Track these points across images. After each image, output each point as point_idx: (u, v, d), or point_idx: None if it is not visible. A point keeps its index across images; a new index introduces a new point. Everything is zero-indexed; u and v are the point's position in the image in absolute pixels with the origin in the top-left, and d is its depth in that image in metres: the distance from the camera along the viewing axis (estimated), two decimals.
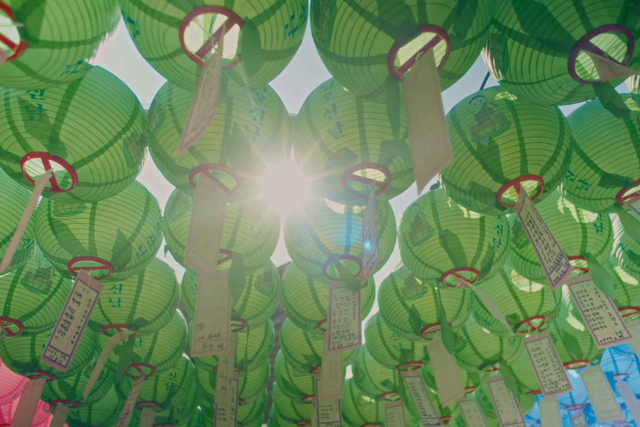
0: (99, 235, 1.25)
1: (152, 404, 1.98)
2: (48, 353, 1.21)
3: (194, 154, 1.05)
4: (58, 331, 1.23)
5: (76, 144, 1.02)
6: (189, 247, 0.94)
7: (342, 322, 1.28)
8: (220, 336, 1.21)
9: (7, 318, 1.47)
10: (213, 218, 1.04)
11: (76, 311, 1.27)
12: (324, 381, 1.30)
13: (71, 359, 1.23)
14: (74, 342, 1.24)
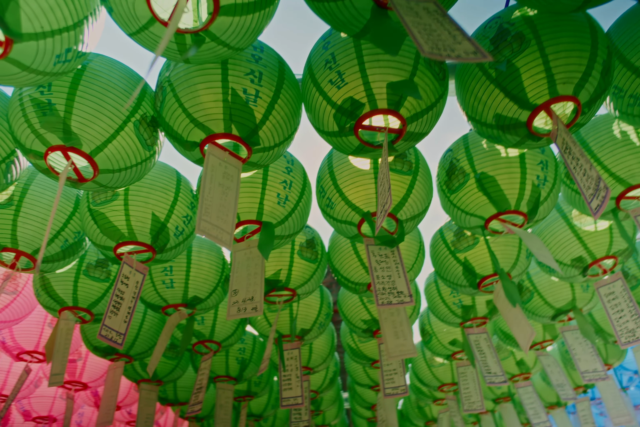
0: (135, 219, 1.29)
1: (226, 378, 2.08)
2: (103, 332, 1.29)
3: (199, 126, 1.05)
4: (110, 312, 1.31)
5: (88, 133, 1.05)
6: (200, 217, 0.94)
7: (387, 280, 1.24)
8: (254, 299, 1.22)
9: (77, 307, 1.60)
10: (226, 188, 1.03)
11: (125, 292, 1.34)
12: (388, 339, 1.27)
13: (125, 337, 1.30)
14: (126, 322, 1.31)
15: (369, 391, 2.46)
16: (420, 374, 2.28)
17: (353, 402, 2.71)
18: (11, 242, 1.33)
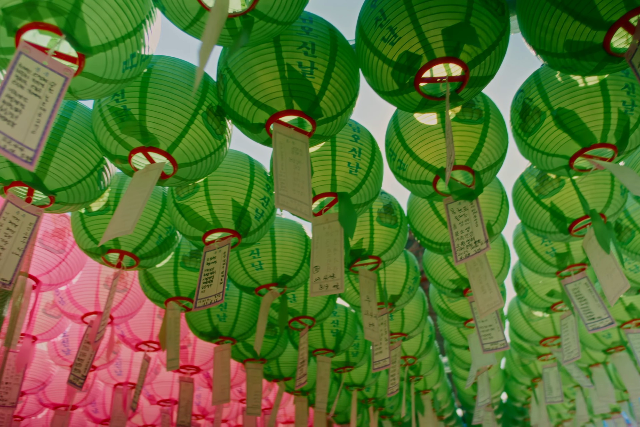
0: (217, 208, 1.36)
1: (324, 351, 2.16)
2: (199, 303, 1.38)
3: (262, 107, 1.07)
4: (203, 287, 1.39)
5: (163, 131, 1.11)
6: (277, 192, 0.98)
7: (466, 233, 1.22)
8: (335, 276, 1.24)
9: (181, 297, 1.73)
10: (297, 162, 1.06)
11: (214, 267, 1.41)
12: (478, 296, 1.26)
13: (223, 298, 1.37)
14: (222, 282, 1.37)
15: (467, 352, 2.45)
16: (519, 330, 2.22)
17: (453, 366, 2.71)
18: (114, 244, 1.46)
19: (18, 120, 0.81)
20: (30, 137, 0.81)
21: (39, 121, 0.82)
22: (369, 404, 2.87)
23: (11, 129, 0.80)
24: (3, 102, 0.82)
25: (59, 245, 1.57)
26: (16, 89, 0.84)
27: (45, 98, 0.85)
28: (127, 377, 2.34)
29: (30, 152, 0.79)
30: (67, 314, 1.82)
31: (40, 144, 0.80)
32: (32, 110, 0.83)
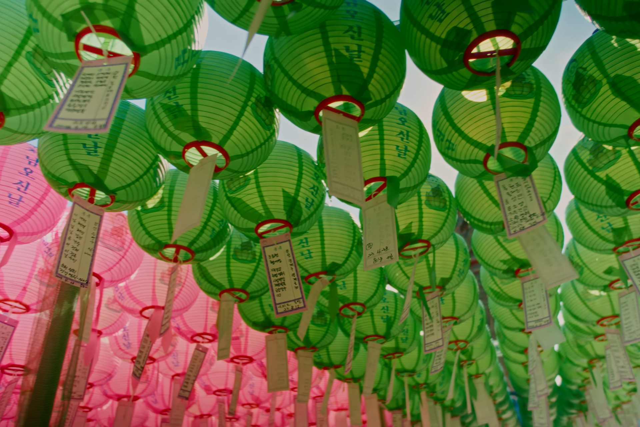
0: (268, 199, 1.39)
1: (375, 337, 2.17)
2: (280, 309, 1.41)
3: (310, 95, 1.08)
4: (277, 289, 1.42)
5: (214, 124, 1.14)
6: (330, 179, 0.98)
7: (519, 207, 1.20)
8: (388, 248, 1.24)
9: (234, 289, 1.77)
10: (348, 148, 1.06)
11: (281, 267, 1.44)
12: (542, 269, 1.23)
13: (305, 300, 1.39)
14: (297, 286, 1.40)
15: (520, 334, 2.41)
16: (574, 310, 2.17)
17: (504, 349, 2.68)
18: (170, 238, 1.51)
19: (87, 108, 0.84)
20: (100, 112, 0.83)
21: (107, 100, 0.85)
22: (420, 389, 2.88)
23: (81, 114, 0.83)
24: (71, 100, 0.85)
25: (118, 243, 1.64)
26: (82, 88, 0.87)
27: (110, 83, 0.87)
28: (184, 368, 2.43)
29: (102, 121, 0.81)
30: (126, 308, 1.89)
31: (110, 114, 0.82)
32: (99, 96, 0.85)
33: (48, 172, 1.26)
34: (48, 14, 0.89)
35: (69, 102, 0.85)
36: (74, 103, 0.85)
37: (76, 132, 0.82)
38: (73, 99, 0.85)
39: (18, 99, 1.02)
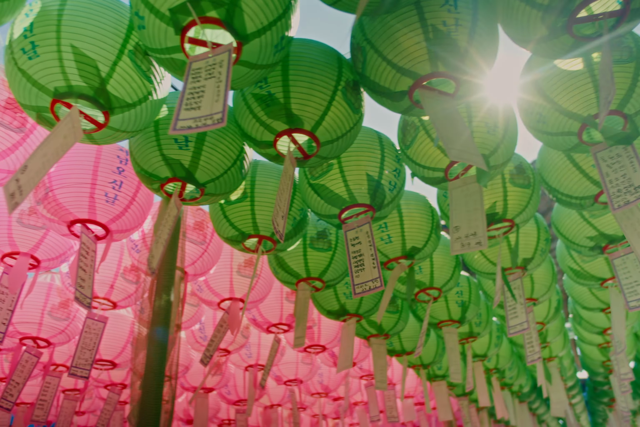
0: (352, 183, 1.38)
1: (450, 322, 2.15)
2: (358, 289, 1.41)
3: (406, 74, 1.06)
4: (356, 271, 1.42)
5: (307, 111, 1.14)
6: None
7: (622, 180, 1.15)
8: (477, 234, 1.22)
9: (311, 278, 1.78)
10: (452, 119, 1.04)
11: (361, 249, 1.43)
12: (636, 243, 1.19)
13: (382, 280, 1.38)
14: (375, 267, 1.39)
15: (599, 315, 2.33)
16: None
17: (579, 330, 2.60)
18: (253, 229, 1.53)
19: (202, 103, 0.85)
20: (215, 105, 0.85)
21: (219, 92, 0.86)
22: (491, 374, 2.83)
23: (198, 111, 0.85)
24: (187, 99, 0.87)
25: (201, 237, 1.67)
26: (194, 85, 0.89)
27: (218, 74, 0.88)
28: (256, 359, 2.47)
29: (218, 115, 0.83)
30: (204, 301, 1.94)
31: (224, 106, 0.84)
32: (211, 89, 0.87)
33: (141, 168, 1.29)
34: (156, 9, 0.91)
35: (186, 101, 0.86)
36: (190, 101, 0.86)
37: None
38: (188, 97, 0.87)
39: (122, 97, 1.05)
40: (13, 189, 0.96)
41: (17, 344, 1.95)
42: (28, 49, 0.99)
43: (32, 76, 1.00)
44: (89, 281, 1.38)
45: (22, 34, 1.00)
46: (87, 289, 1.38)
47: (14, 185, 0.95)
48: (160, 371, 1.33)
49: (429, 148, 1.31)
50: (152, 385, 1.30)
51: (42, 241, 1.58)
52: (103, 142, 1.18)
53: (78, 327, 1.99)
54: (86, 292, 1.38)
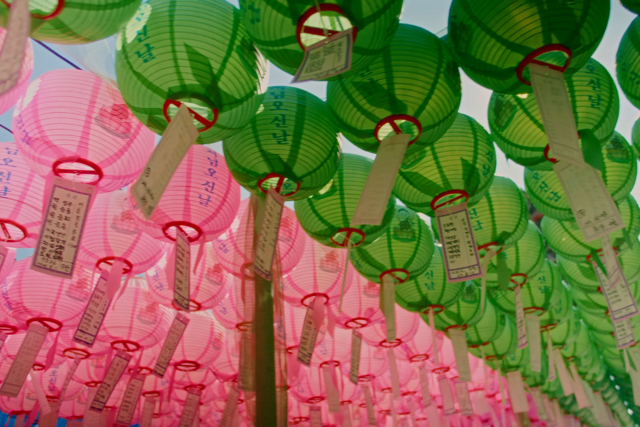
0: (447, 169, 1.36)
1: (533, 309, 2.09)
2: (453, 275, 1.38)
3: (516, 49, 1.03)
4: (450, 256, 1.39)
5: (411, 96, 1.12)
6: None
7: None
8: (607, 213, 1.17)
9: (395, 269, 1.76)
10: (559, 104, 1.01)
11: (456, 235, 1.41)
12: None
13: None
14: (473, 254, 1.37)
15: None
16: None
17: None
18: (343, 223, 1.52)
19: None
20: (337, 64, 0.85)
21: (339, 53, 0.86)
22: (568, 362, 2.75)
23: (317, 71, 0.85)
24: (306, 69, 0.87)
25: (287, 233, 1.68)
26: (313, 62, 0.88)
27: (338, 51, 0.88)
28: (331, 355, 2.47)
29: (341, 65, 0.83)
30: (288, 298, 1.94)
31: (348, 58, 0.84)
32: (329, 64, 0.87)
33: (238, 166, 1.30)
34: (273, 0, 0.91)
35: (309, 62, 0.86)
36: (312, 67, 0.86)
37: (318, 79, 0.84)
38: (310, 62, 0.87)
39: (231, 93, 1.06)
40: (143, 192, 0.97)
41: (109, 348, 2.00)
42: (143, 52, 1.01)
43: (147, 78, 1.02)
44: (185, 283, 1.40)
45: (136, 38, 1.01)
46: (184, 291, 1.40)
47: (142, 189, 0.97)
48: (270, 369, 1.34)
49: (528, 127, 1.28)
50: (266, 393, 1.30)
51: (134, 245, 1.62)
52: (208, 141, 1.20)
53: (164, 330, 2.02)
54: (184, 293, 1.40)
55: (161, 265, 1.84)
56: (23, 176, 1.37)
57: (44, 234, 1.23)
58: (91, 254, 1.61)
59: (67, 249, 1.27)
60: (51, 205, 1.23)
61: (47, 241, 1.23)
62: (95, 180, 1.28)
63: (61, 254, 1.27)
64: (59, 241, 1.26)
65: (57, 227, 1.25)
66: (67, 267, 1.28)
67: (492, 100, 1.38)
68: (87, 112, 1.17)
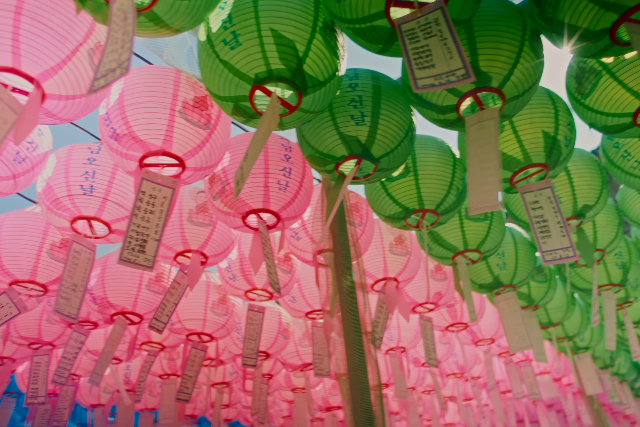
0: (527, 142, 1.32)
1: (609, 286, 2.02)
2: (548, 257, 1.34)
3: (610, 9, 0.99)
4: (542, 237, 1.36)
5: (495, 67, 1.09)
6: None
7: None
8: None
9: (468, 250, 1.73)
10: None
11: (544, 214, 1.37)
12: None
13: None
14: (565, 235, 1.33)
15: None
16: None
17: None
18: (418, 204, 1.50)
19: (434, 61, 0.84)
20: (451, 62, 0.83)
21: (449, 49, 0.84)
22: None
23: (433, 69, 0.83)
24: (414, 59, 0.86)
25: (358, 218, 1.68)
26: (415, 45, 0.87)
27: (439, 32, 0.87)
28: (397, 341, 2.46)
29: (461, 71, 0.82)
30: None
31: (464, 61, 0.82)
32: (438, 47, 0.85)
33: (315, 150, 1.30)
34: None
35: (415, 62, 0.85)
36: (419, 61, 0.85)
37: (440, 89, 0.82)
38: (414, 57, 0.86)
39: (316, 75, 1.06)
40: (238, 177, 0.99)
41: (184, 340, 2.06)
42: (230, 40, 1.02)
43: (234, 66, 1.03)
44: (273, 268, 1.42)
45: (221, 26, 1.02)
46: (274, 275, 1.42)
47: (239, 173, 0.99)
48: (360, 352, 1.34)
49: (615, 92, 1.23)
50: (359, 374, 1.30)
51: (209, 237, 1.65)
52: (289, 126, 1.20)
53: (235, 322, 2.06)
54: (274, 278, 1.43)
55: (232, 256, 1.87)
56: (106, 174, 1.42)
57: (130, 228, 1.26)
58: (169, 248, 1.65)
59: (150, 242, 1.31)
60: (138, 199, 1.26)
61: (133, 235, 1.27)
62: (178, 173, 1.31)
63: (144, 247, 1.30)
64: (143, 234, 1.29)
65: (142, 221, 1.29)
66: (149, 260, 1.31)
67: (571, 68, 1.33)
68: (171, 105, 1.20)
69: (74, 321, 1.49)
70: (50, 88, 1.04)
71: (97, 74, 0.81)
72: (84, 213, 1.43)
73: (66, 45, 1.00)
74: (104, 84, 0.79)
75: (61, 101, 1.08)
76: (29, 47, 0.97)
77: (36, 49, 0.97)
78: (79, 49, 1.02)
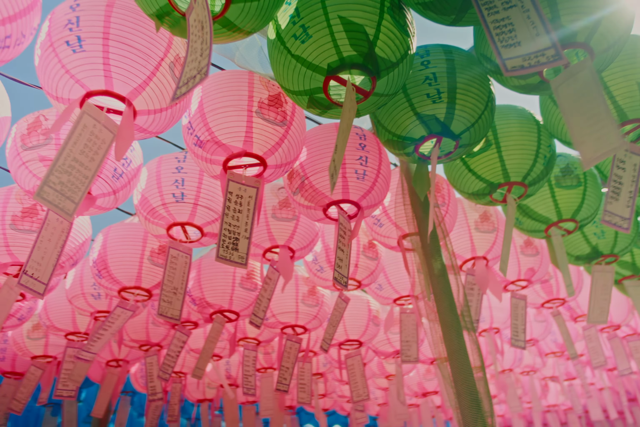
0: (621, 97, 1.22)
1: None
2: (606, 217, 1.24)
3: None
4: (611, 195, 1.26)
5: (580, 20, 1.01)
6: None
7: None
8: None
9: (562, 220, 1.64)
10: None
11: (623, 176, 1.27)
12: None
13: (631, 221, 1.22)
14: (629, 206, 1.24)
15: None
16: None
17: None
18: (503, 177, 1.44)
19: (520, 38, 0.80)
20: (538, 40, 0.79)
21: (533, 23, 0.80)
22: None
23: (520, 48, 0.79)
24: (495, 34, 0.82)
25: (440, 199, 1.64)
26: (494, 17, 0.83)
27: (519, 2, 0.82)
28: (490, 322, 2.39)
29: (551, 51, 0.77)
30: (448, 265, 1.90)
31: (553, 39, 0.77)
32: (520, 20, 0.81)
33: (393, 134, 1.29)
34: None
35: (497, 38, 0.81)
36: (502, 37, 0.81)
37: (531, 71, 0.78)
38: (496, 31, 0.82)
39: (388, 57, 1.04)
40: (332, 170, 1.00)
41: (278, 333, 2.13)
42: (300, 34, 1.03)
43: (306, 59, 1.04)
44: (345, 261, 1.43)
45: (290, 22, 1.04)
46: (344, 269, 1.42)
47: (332, 166, 1.00)
48: (459, 333, 1.32)
49: None
50: (461, 356, 1.28)
51: (294, 231, 1.69)
52: (365, 112, 1.20)
53: (326, 312, 2.10)
54: (343, 271, 1.43)
55: (317, 249, 1.90)
56: (194, 181, 1.49)
57: (223, 227, 1.32)
58: (257, 245, 1.71)
59: (241, 240, 1.36)
60: (227, 199, 1.32)
61: (226, 234, 1.32)
62: (260, 171, 1.35)
63: (237, 245, 1.35)
64: (235, 233, 1.35)
65: (232, 220, 1.34)
66: (243, 257, 1.36)
67: None
68: (247, 107, 1.23)
69: (177, 322, 1.58)
70: (140, 104, 1.11)
71: (179, 82, 0.85)
72: (178, 219, 1.51)
73: (150, 62, 1.06)
74: (186, 91, 0.83)
75: (150, 115, 1.15)
76: (118, 68, 1.03)
77: (125, 70, 1.04)
78: (161, 64, 1.07)
